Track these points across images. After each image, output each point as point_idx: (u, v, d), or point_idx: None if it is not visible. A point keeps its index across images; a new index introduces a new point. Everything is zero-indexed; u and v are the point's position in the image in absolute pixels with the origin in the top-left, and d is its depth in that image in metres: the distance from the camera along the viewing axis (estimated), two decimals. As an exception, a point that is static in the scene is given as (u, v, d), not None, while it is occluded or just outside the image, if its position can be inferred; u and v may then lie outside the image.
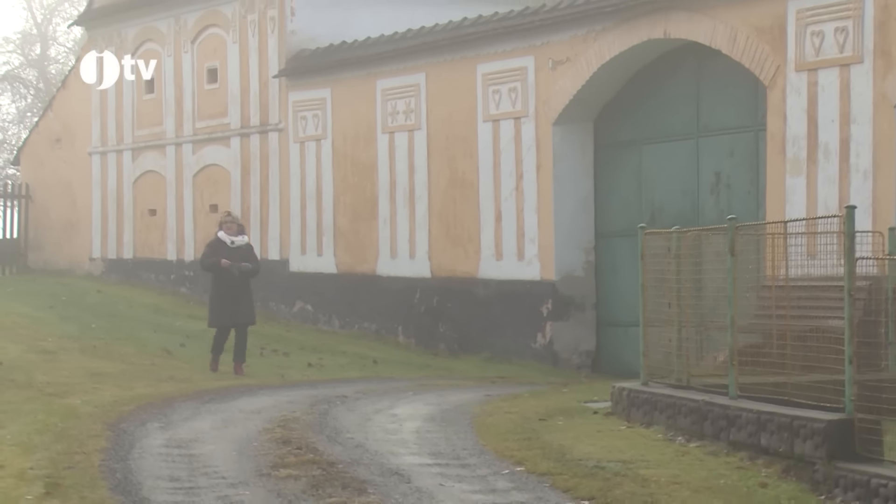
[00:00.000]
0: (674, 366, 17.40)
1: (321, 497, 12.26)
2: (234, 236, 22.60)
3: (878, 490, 12.24)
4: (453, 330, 26.40)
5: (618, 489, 12.73)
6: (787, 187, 20.19)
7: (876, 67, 19.04)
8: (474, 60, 25.77)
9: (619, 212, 24.04)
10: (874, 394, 13.81)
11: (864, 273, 15.28)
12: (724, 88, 22.04)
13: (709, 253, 17.11)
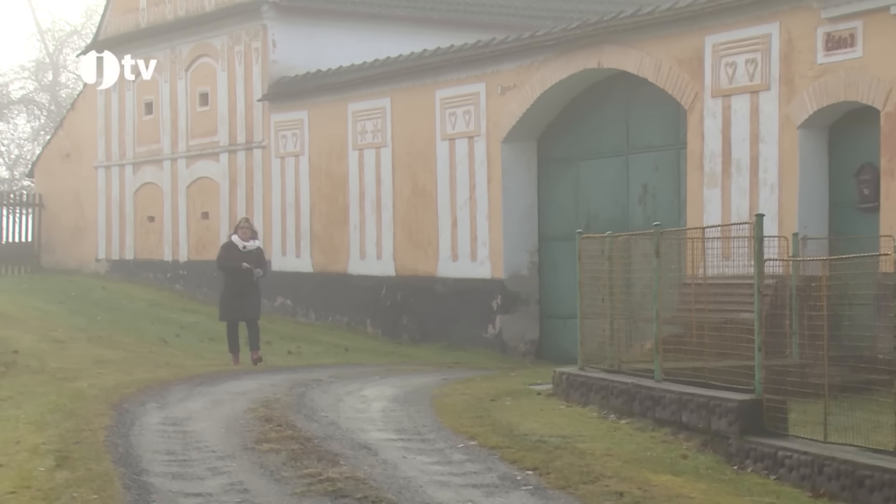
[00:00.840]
0: (607, 353, 17.44)
1: (299, 468, 12.25)
2: (247, 241, 22.22)
3: (783, 461, 12.35)
4: (415, 322, 26.40)
5: (558, 461, 12.76)
6: (704, 198, 20.27)
7: (781, 94, 19.14)
8: (433, 87, 25.78)
9: (559, 219, 24.06)
10: (780, 377, 13.90)
11: (771, 273, 15.39)
12: (649, 111, 22.07)
13: (637, 255, 17.17)
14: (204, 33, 31.38)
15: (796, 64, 18.90)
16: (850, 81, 18.17)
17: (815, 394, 13.00)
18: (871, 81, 17.86)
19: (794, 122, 18.92)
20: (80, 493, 11.12)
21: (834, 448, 11.89)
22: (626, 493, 11.27)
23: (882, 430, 11.61)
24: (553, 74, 23.23)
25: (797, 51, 18.87)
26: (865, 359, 14.57)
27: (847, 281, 14.84)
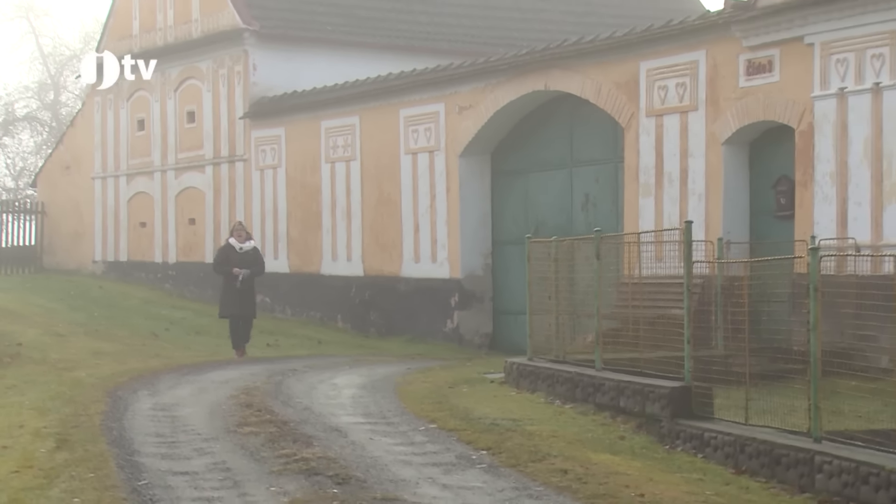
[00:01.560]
0: (553, 345, 17.49)
1: (276, 449, 12.23)
2: (242, 243, 21.90)
3: (709, 441, 12.41)
4: (381, 317, 26.37)
5: (509, 441, 12.79)
6: (640, 206, 20.32)
7: (708, 114, 19.22)
8: (398, 106, 25.75)
9: (510, 225, 24.07)
10: (706, 366, 13.97)
11: (699, 273, 15.46)
12: (591, 129, 22.10)
13: (580, 257, 17.21)
14: (191, 58, 31.28)
15: (721, 87, 18.99)
16: (769, 103, 18.28)
17: (738, 381, 13.06)
18: (787, 103, 17.97)
19: (719, 138, 19.01)
20: (77, 472, 11.09)
21: (754, 430, 11.96)
22: (569, 470, 11.30)
23: (797, 413, 11.68)
24: (505, 95, 23.26)
25: (721, 75, 18.97)
26: (782, 350, 14.66)
27: (766, 281, 14.92)
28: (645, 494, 10.40)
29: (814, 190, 17.55)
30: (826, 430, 11.15)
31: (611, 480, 10.93)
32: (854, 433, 11.06)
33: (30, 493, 10.28)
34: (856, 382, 12.31)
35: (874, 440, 10.75)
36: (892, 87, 16.53)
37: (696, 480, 11.23)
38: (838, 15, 17.14)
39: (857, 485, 10.23)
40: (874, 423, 11.30)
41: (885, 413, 11.25)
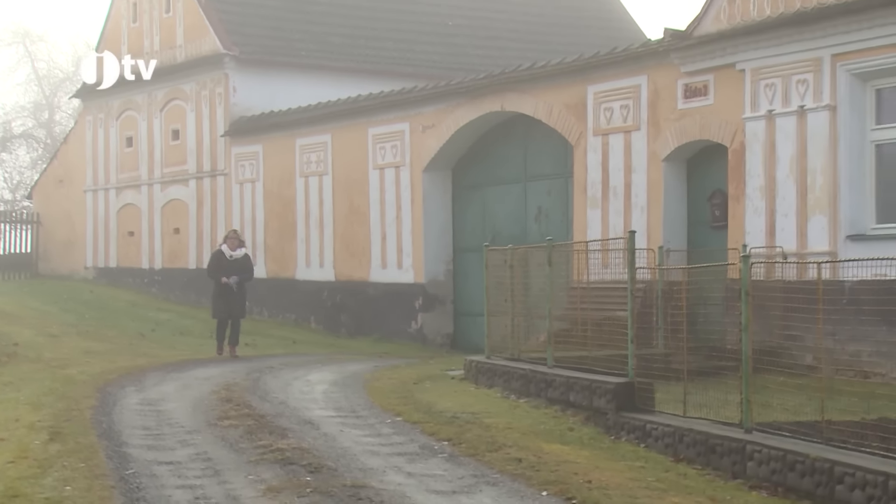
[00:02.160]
0: (508, 344, 17.51)
1: (254, 440, 12.22)
2: (234, 250, 21.42)
3: (651, 432, 12.47)
4: (351, 319, 26.33)
5: (468, 433, 12.82)
6: (588, 217, 20.36)
7: (649, 133, 19.29)
8: (366, 125, 25.73)
9: (469, 234, 24.08)
10: (648, 364, 14.05)
11: (641, 278, 15.54)
12: (543, 147, 22.14)
13: (533, 264, 17.24)
14: (176, 81, 31.15)
15: (661, 109, 19.08)
16: (704, 124, 18.37)
17: (677, 377, 13.14)
18: (721, 124, 18.08)
19: (660, 156, 19.09)
20: (69, 463, 11.06)
21: (691, 421, 12.03)
22: (523, 459, 11.34)
23: (730, 406, 11.77)
24: (464, 116, 23.28)
25: (662, 98, 19.06)
26: (717, 349, 14.77)
27: (702, 285, 14.99)
28: (592, 481, 10.44)
29: (745, 203, 17.64)
30: (756, 422, 11.25)
31: (561, 468, 10.97)
32: (781, 424, 11.14)
33: (25, 481, 10.24)
34: (783, 378, 12.40)
35: (800, 431, 10.83)
36: (815, 109, 16.65)
37: (638, 468, 11.29)
38: (766, 44, 17.27)
39: (784, 471, 10.32)
40: (800, 415, 11.38)
41: (809, 406, 11.33)
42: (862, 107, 16.37)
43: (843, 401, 11.64)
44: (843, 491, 9.61)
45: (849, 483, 9.56)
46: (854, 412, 11.19)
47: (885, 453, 9.69)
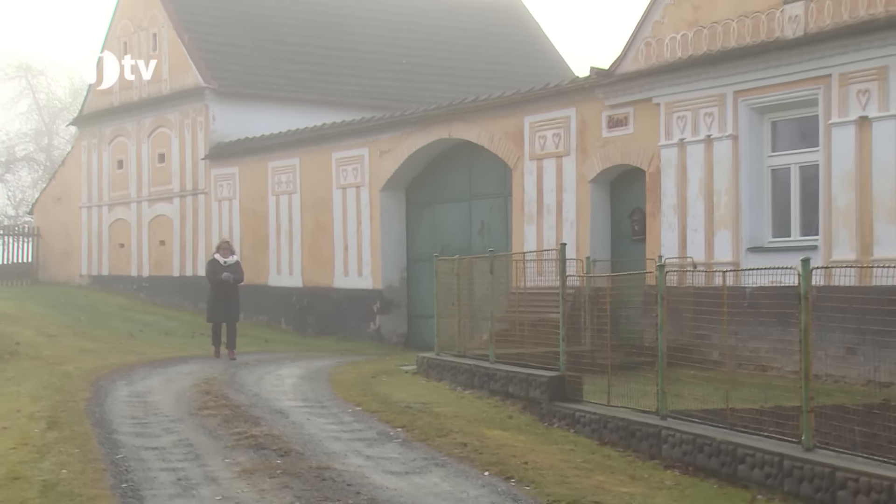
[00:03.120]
0: (455, 342, 17.53)
1: (230, 427, 12.18)
2: (227, 258, 20.75)
3: (579, 419, 12.52)
4: (317, 320, 26.25)
5: (420, 420, 12.84)
6: (525, 231, 20.43)
7: (578, 158, 19.39)
8: (330, 150, 25.68)
9: (421, 246, 24.09)
10: (577, 359, 14.11)
11: (571, 285, 15.60)
12: (486, 169, 22.18)
13: (477, 272, 17.28)
14: (161, 110, 30.96)
15: (588, 137, 19.19)
16: (625, 150, 18.50)
17: (602, 371, 13.20)
18: (639, 150, 18.21)
19: (587, 178, 19.19)
20: (65, 449, 10.99)
21: (614, 409, 12.11)
22: (468, 443, 11.36)
23: (647, 396, 11.85)
24: (416, 142, 23.30)
25: (588, 128, 19.17)
26: (636, 346, 14.83)
27: (623, 291, 15.09)
28: (528, 462, 10.48)
29: (660, 219, 17.76)
30: (670, 410, 11.33)
31: (501, 451, 11.01)
32: (692, 412, 11.24)
33: (25, 465, 10.18)
34: (693, 372, 12.51)
35: (708, 417, 10.93)
36: (720, 138, 16.81)
37: (568, 450, 11.34)
38: (678, 82, 17.41)
39: (694, 453, 10.40)
40: (708, 403, 11.48)
41: (716, 396, 11.44)
42: (760, 136, 16.56)
43: (744, 391, 11.76)
44: (744, 469, 9.71)
45: (749, 463, 9.66)
46: (754, 401, 11.30)
47: (779, 437, 9.80)
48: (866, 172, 14.89)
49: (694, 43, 17.16)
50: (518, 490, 9.32)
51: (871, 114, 14.81)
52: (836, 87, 15.25)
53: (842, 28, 15.05)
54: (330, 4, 32.43)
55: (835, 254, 15.19)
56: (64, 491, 9.11)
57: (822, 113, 15.46)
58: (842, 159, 15.18)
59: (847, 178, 15.12)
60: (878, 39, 14.68)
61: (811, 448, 9.26)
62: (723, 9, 16.74)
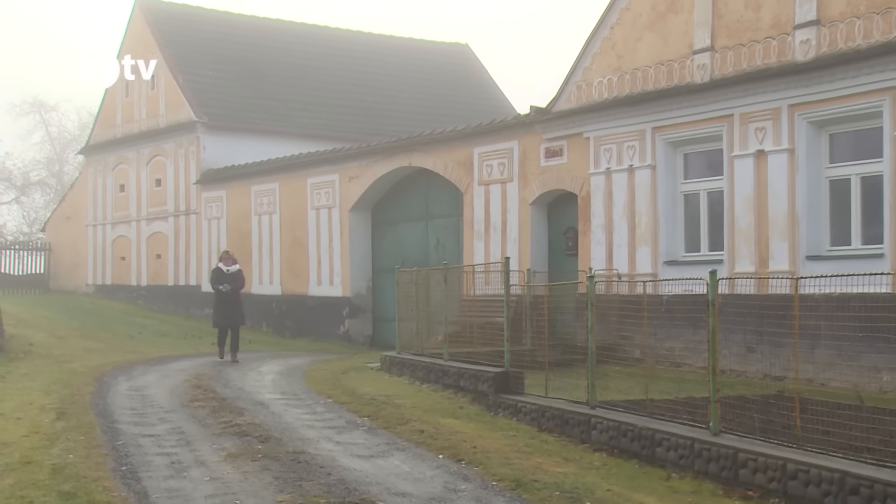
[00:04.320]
0: (414, 343, 17.53)
1: (217, 417, 12.09)
2: (229, 266, 19.87)
3: (521, 409, 12.53)
4: (293, 324, 26.12)
5: (384, 410, 12.80)
6: (474, 247, 20.46)
7: (520, 184, 19.49)
8: (306, 176, 25.61)
9: (384, 259, 24.05)
10: (519, 357, 14.16)
11: (514, 293, 15.66)
12: (441, 193, 22.22)
13: (433, 282, 17.30)
14: (158, 141, 30.73)
15: (529, 166, 19.29)
16: (560, 177, 18.61)
17: (540, 367, 13.26)
18: (572, 177, 18.32)
19: (528, 201, 19.28)
20: (72, 436, 10.86)
21: (551, 400, 12.14)
22: (425, 430, 11.34)
23: (579, 389, 11.89)
24: (381, 169, 23.29)
25: (529, 158, 19.27)
26: (570, 345, 14.92)
27: (559, 298, 15.18)
28: (477, 446, 10.48)
29: (591, 236, 17.88)
30: (598, 400, 11.37)
31: (453, 437, 11.00)
32: (617, 402, 11.29)
33: (37, 451, 10.04)
34: (618, 367, 12.59)
35: (630, 407, 11.00)
36: (640, 167, 16.96)
37: (511, 436, 11.35)
38: (604, 119, 17.55)
39: (619, 437, 10.45)
40: (630, 395, 11.56)
41: (637, 388, 11.52)
42: (674, 166, 16.72)
43: (661, 384, 11.86)
44: (661, 452, 9.77)
45: (665, 446, 9.72)
46: (669, 393, 11.40)
47: (691, 423, 9.87)
48: (763, 197, 15.08)
49: (618, 86, 17.30)
50: (468, 471, 9.32)
51: (767, 148, 15.01)
52: (737, 125, 15.44)
53: (742, 75, 15.25)
54: (305, 50, 32.41)
55: (737, 267, 15.35)
56: (70, 473, 9.00)
57: (727, 147, 15.64)
58: (743, 186, 15.36)
59: (747, 202, 15.30)
60: (772, 85, 14.89)
61: (718, 433, 9.35)
62: (642, 57, 16.91)
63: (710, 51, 15.80)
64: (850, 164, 14.27)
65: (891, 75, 13.42)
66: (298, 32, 33.16)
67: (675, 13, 16.38)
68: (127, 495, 8.19)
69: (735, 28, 15.47)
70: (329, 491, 8.31)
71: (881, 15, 13.56)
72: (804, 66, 14.39)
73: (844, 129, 14.34)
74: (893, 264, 13.10)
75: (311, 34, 33.37)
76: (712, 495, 8.50)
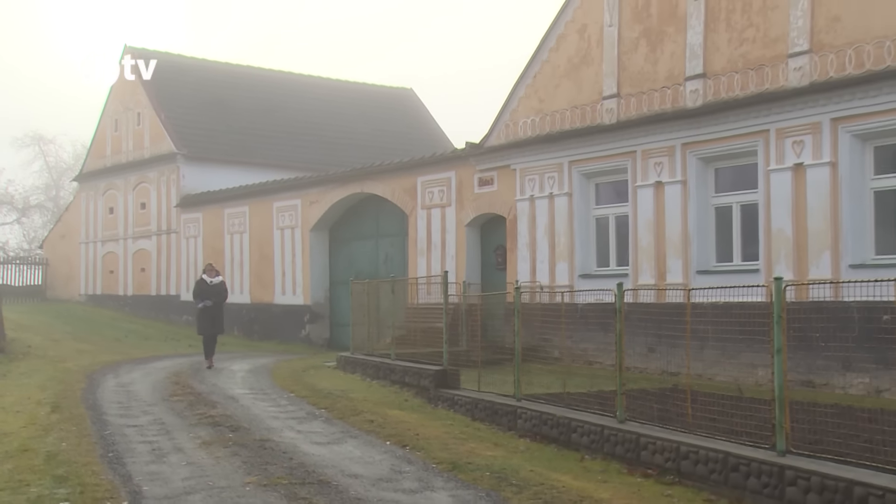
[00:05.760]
0: (366, 345, 17.48)
1: (194, 409, 11.95)
2: (213, 278, 18.19)
3: (458, 401, 12.53)
4: (261, 328, 25.85)
5: (339, 403, 12.75)
6: (418, 262, 20.48)
7: (457, 208, 19.56)
8: (272, 201, 25.42)
9: (340, 272, 23.94)
10: (456, 357, 14.17)
11: (452, 302, 15.70)
12: (389, 216, 22.21)
13: (382, 292, 17.28)
14: (143, 170, 30.29)
15: (464, 192, 19.37)
16: (491, 202, 18.72)
17: (474, 365, 13.28)
18: (502, 203, 18.44)
19: (464, 222, 19.35)
20: (65, 427, 10.66)
21: (483, 394, 12.17)
22: (374, 420, 11.32)
23: (507, 384, 11.95)
24: (337, 195, 23.21)
25: (465, 186, 19.36)
26: (499, 347, 14.98)
27: (490, 306, 15.24)
28: (419, 433, 10.48)
29: (517, 254, 17.99)
30: (523, 394, 11.44)
31: (399, 426, 10.99)
32: (539, 395, 11.36)
33: (33, 440, 9.84)
34: (540, 366, 12.66)
35: (550, 399, 11.07)
36: (559, 195, 17.12)
37: (449, 425, 11.36)
38: (529, 153, 17.71)
39: (540, 425, 10.51)
40: (551, 389, 11.63)
41: (556, 383, 11.59)
42: (587, 194, 16.91)
43: (576, 380, 11.95)
44: (576, 437, 9.84)
45: (580, 432, 9.80)
46: (583, 387, 11.49)
47: (601, 413, 9.97)
48: (661, 221, 15.33)
49: (540, 126, 17.49)
50: (411, 455, 9.31)
51: (664, 179, 15.27)
52: (639, 161, 15.68)
53: (643, 118, 15.51)
54: (271, 92, 32.27)
55: (640, 279, 15.56)
56: (63, 459, 8.82)
57: (630, 178, 15.88)
58: (644, 211, 15.60)
59: (648, 225, 15.54)
60: (668, 127, 15.16)
61: (623, 421, 9.45)
62: (560, 101, 17.12)
63: (616, 97, 16.06)
64: (731, 194, 14.59)
65: (764, 120, 13.77)
66: (265, 77, 33.07)
67: (587, 65, 16.62)
68: (113, 478, 8.04)
69: (637, 78, 15.74)
70: (291, 473, 8.25)
71: (755, 70, 13.93)
72: (694, 112, 14.69)
73: (727, 164, 14.66)
74: (766, 278, 13.42)
75: (276, 78, 33.28)
76: (618, 473, 8.60)
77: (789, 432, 7.44)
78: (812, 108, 13.15)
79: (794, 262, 13.33)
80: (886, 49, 12.29)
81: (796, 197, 13.37)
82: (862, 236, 12.76)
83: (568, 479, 8.31)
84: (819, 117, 13.10)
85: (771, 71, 13.68)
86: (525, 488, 7.80)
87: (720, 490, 7.64)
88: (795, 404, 8.71)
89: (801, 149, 13.33)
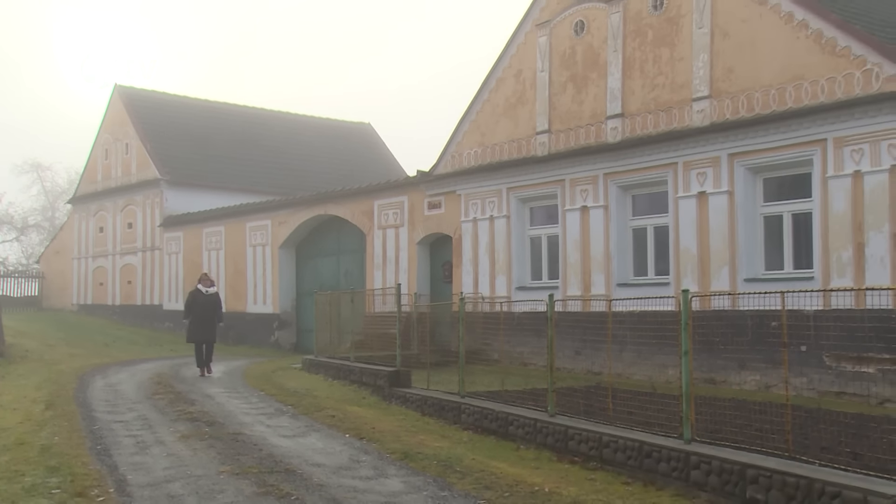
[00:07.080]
0: (328, 348, 17.36)
1: (175, 407, 11.71)
2: (207, 288, 16.41)
3: (409, 399, 12.45)
4: (235, 334, 25.42)
5: (304, 400, 12.62)
6: (374, 276, 20.37)
7: (409, 228, 19.54)
8: (245, 221, 25.11)
9: (306, 285, 23.71)
10: (408, 359, 14.13)
11: (405, 311, 15.67)
12: (349, 235, 22.08)
13: (343, 301, 17.18)
14: (130, 194, 29.76)
15: (416, 215, 19.37)
16: (440, 223, 18.74)
17: (424, 367, 13.28)
18: (448, 223, 18.47)
19: (415, 241, 19.33)
20: (58, 423, 10.38)
21: (432, 392, 12.14)
22: (336, 415, 11.23)
23: (452, 383, 11.96)
24: (303, 216, 23.02)
25: (416, 209, 19.36)
26: (446, 350, 14.99)
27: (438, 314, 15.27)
28: (375, 427, 10.42)
29: (462, 268, 18.01)
30: (467, 391, 11.45)
31: (358, 421, 10.92)
32: (481, 393, 11.38)
33: (29, 434, 9.57)
34: (482, 367, 12.70)
35: (490, 396, 11.09)
36: (499, 217, 17.22)
37: (401, 419, 11.31)
38: (472, 181, 17.78)
39: (482, 419, 10.51)
40: (491, 387, 11.68)
41: (495, 382, 11.64)
42: (523, 217, 17.05)
43: (513, 379, 12.02)
44: (513, 429, 9.87)
45: (516, 425, 9.84)
46: (519, 385, 11.57)
47: (534, 408, 10.03)
48: (587, 240, 15.52)
49: (482, 156, 17.60)
50: (368, 446, 9.26)
51: (589, 204, 15.48)
52: (568, 187, 15.88)
53: (570, 151, 15.73)
54: (245, 124, 32.07)
55: (569, 291, 15.72)
56: (56, 452, 8.59)
57: (560, 203, 16.06)
58: (573, 232, 15.77)
59: (576, 244, 15.72)
60: (592, 159, 15.39)
61: (554, 415, 9.51)
62: (499, 135, 17.27)
63: (548, 132, 16.26)
64: (646, 218, 14.84)
65: (673, 154, 14.07)
66: (239, 112, 32.89)
67: (523, 105, 16.81)
68: (101, 468, 7.86)
69: (565, 117, 15.97)
70: (261, 463, 8.15)
71: (665, 111, 14.24)
72: (614, 146, 14.95)
73: (643, 191, 14.92)
74: (676, 290, 13.67)
75: (249, 113, 33.15)
76: (549, 461, 8.66)
77: (694, 423, 7.59)
78: (713, 145, 13.49)
79: (698, 276, 13.61)
80: (772, 96, 12.69)
81: (700, 220, 13.67)
82: (754, 254, 13.09)
83: (505, 466, 8.34)
84: (718, 152, 13.44)
85: (678, 112, 14.00)
86: (468, 475, 7.82)
87: (636, 474, 7.75)
88: (699, 399, 8.88)
89: (703, 179, 13.65)
